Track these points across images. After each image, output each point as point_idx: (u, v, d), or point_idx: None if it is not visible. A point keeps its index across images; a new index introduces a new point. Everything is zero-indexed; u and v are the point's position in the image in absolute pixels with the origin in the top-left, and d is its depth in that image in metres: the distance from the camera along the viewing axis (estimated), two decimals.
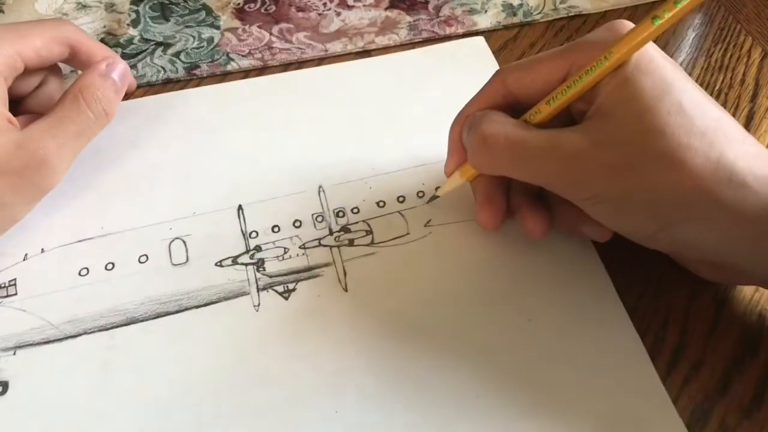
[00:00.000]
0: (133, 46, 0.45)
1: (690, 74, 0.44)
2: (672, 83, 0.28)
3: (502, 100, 0.32)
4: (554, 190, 0.30)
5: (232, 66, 0.44)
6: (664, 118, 0.27)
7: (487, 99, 0.32)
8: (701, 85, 0.43)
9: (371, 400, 0.30)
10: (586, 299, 0.33)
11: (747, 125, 0.41)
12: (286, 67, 0.45)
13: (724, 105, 0.42)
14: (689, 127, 0.27)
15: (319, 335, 0.32)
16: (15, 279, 0.34)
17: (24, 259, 0.35)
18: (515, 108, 0.32)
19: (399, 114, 0.41)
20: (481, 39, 0.46)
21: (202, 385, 0.31)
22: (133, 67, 0.44)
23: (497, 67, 0.43)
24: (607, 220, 0.30)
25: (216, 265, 0.35)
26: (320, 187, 0.38)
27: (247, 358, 0.32)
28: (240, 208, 0.37)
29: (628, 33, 0.28)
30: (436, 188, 0.36)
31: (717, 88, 0.43)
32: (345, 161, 0.36)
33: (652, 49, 0.29)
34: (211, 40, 0.46)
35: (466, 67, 0.44)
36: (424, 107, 0.41)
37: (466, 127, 0.32)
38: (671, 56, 0.44)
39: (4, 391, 0.31)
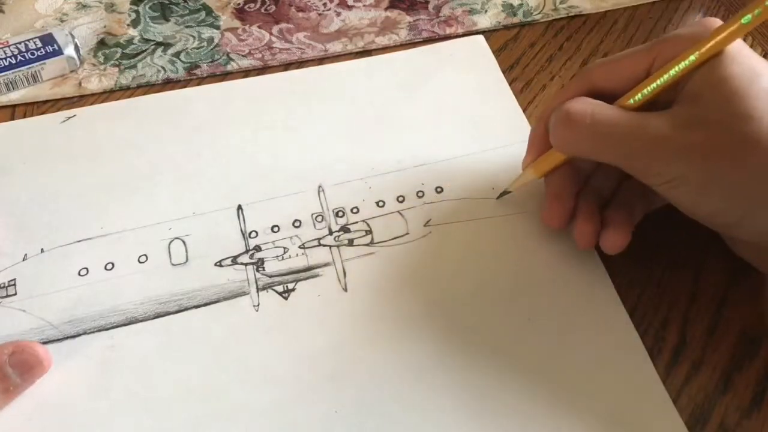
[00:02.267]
0: (133, 46, 0.45)
1: None
2: (760, 72, 0.28)
3: (588, 94, 0.32)
4: (635, 172, 0.30)
5: (232, 66, 0.44)
6: (753, 102, 0.27)
7: (573, 92, 0.32)
8: None
9: (371, 401, 0.30)
10: (586, 299, 0.33)
11: None
12: (286, 67, 0.45)
13: None
14: None
15: (318, 335, 0.32)
16: (14, 279, 0.34)
17: (23, 259, 0.35)
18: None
19: (399, 113, 0.41)
20: (480, 38, 0.46)
21: (202, 384, 0.31)
22: (133, 67, 0.44)
23: (497, 66, 0.44)
24: (688, 203, 0.30)
25: (215, 265, 0.35)
26: (320, 186, 0.38)
27: (247, 358, 0.32)
28: (239, 208, 0.37)
29: (718, 28, 0.29)
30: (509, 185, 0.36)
31: None
32: (345, 161, 0.36)
33: (739, 43, 0.29)
34: (211, 40, 0.46)
35: (466, 66, 0.44)
36: (424, 106, 0.41)
37: (554, 112, 0.32)
38: None
39: None
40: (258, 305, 0.33)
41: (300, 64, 0.45)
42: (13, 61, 0.43)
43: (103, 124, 0.41)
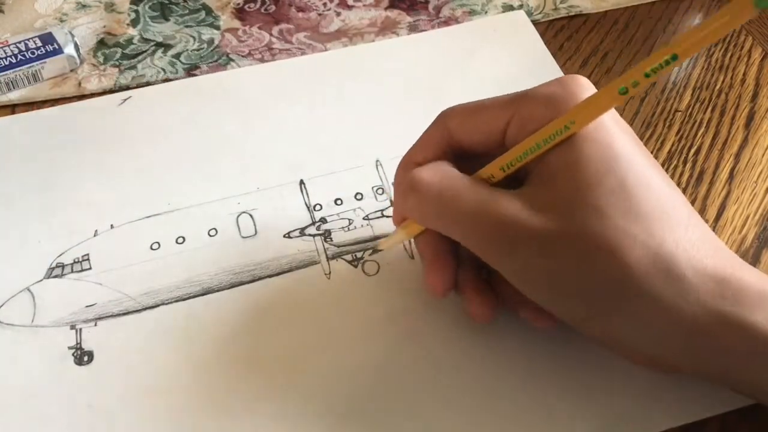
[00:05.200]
0: (132, 46, 0.45)
1: (690, 74, 0.44)
2: (619, 153, 0.26)
3: (446, 145, 0.30)
4: (482, 256, 0.28)
5: (232, 66, 0.44)
6: (604, 196, 0.25)
7: (430, 143, 0.30)
8: (702, 85, 0.43)
9: (448, 357, 0.32)
10: None
11: (747, 125, 0.41)
12: None
13: (724, 105, 0.42)
14: (630, 209, 0.25)
15: (390, 300, 0.33)
16: (88, 254, 0.35)
17: (94, 235, 0.36)
18: (459, 154, 0.30)
19: (449, 89, 0.42)
20: (521, 13, 0.47)
21: (280, 350, 0.32)
22: (133, 67, 0.44)
23: (540, 42, 0.45)
24: (536, 296, 0.28)
25: (284, 236, 0.36)
26: (377, 161, 0.39)
27: (324, 324, 0.33)
28: (302, 182, 0.38)
29: (591, 99, 0.26)
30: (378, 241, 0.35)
31: (717, 88, 0.43)
32: (400, 136, 0.36)
33: (606, 114, 0.26)
34: (211, 41, 0.46)
35: (509, 41, 0.45)
36: (471, 81, 0.43)
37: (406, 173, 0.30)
38: None
39: (90, 360, 0.32)
40: (329, 273, 0.35)
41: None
42: (14, 61, 0.43)
43: (159, 105, 0.42)
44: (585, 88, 0.28)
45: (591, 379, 0.31)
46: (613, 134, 0.26)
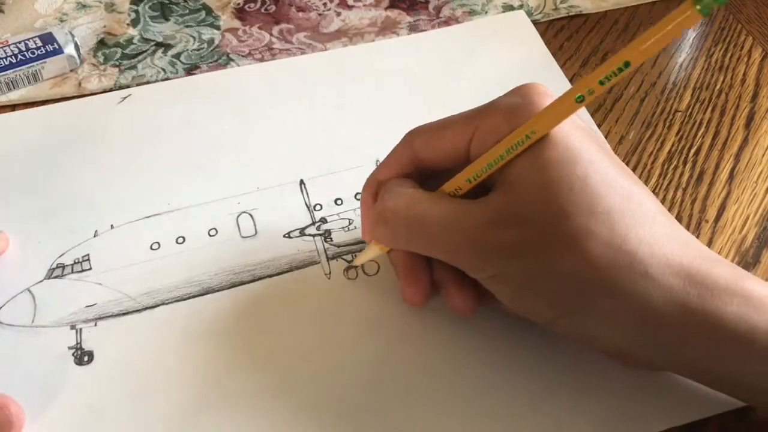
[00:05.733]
0: (132, 46, 0.45)
1: (690, 74, 0.44)
2: (579, 154, 0.26)
3: (411, 164, 0.30)
4: (458, 266, 0.29)
5: (232, 66, 0.44)
6: (566, 196, 0.25)
7: (396, 163, 0.31)
8: (702, 85, 0.43)
9: (447, 356, 0.32)
10: None
11: (747, 125, 0.41)
12: None
13: (724, 105, 0.42)
14: (591, 207, 0.25)
15: (390, 300, 0.33)
16: (88, 255, 0.35)
17: (94, 236, 0.36)
18: (426, 172, 0.30)
19: (448, 89, 0.42)
20: (521, 13, 0.47)
21: (284, 349, 0.32)
22: (133, 67, 0.44)
23: (540, 42, 0.45)
24: (508, 300, 0.28)
25: (284, 236, 0.36)
26: (377, 161, 0.39)
27: (324, 323, 0.33)
28: (302, 182, 0.38)
29: (549, 108, 0.26)
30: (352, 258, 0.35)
31: (717, 88, 0.43)
32: (399, 136, 0.36)
33: (567, 120, 0.27)
34: (211, 41, 0.46)
35: (512, 42, 0.45)
36: (471, 82, 0.43)
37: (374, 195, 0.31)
38: (672, 57, 0.44)
39: (90, 360, 0.32)
40: (330, 273, 0.35)
41: None
42: (14, 60, 0.42)
43: (159, 104, 0.42)
44: (544, 95, 0.28)
45: (590, 379, 0.31)
46: (574, 137, 0.27)
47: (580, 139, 0.27)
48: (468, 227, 0.27)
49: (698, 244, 0.27)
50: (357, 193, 0.37)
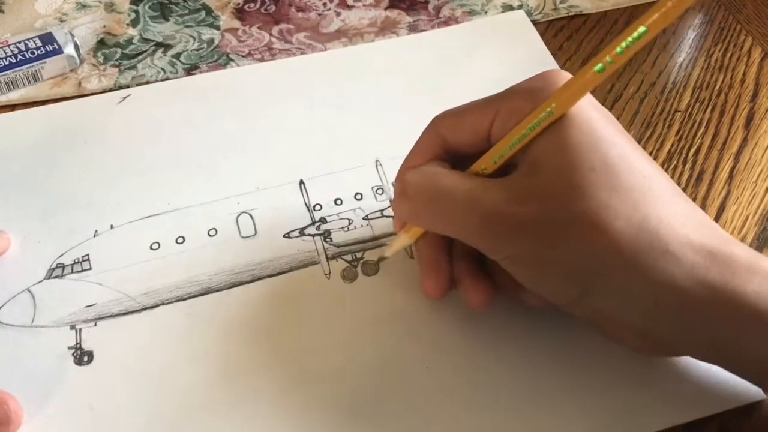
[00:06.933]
0: (132, 46, 0.45)
1: (690, 74, 0.44)
2: (601, 136, 0.26)
3: (440, 149, 0.31)
4: (476, 246, 0.29)
5: (232, 66, 0.44)
6: (587, 175, 0.26)
7: (424, 148, 0.31)
8: (702, 85, 0.43)
9: (447, 355, 0.32)
10: None
11: (747, 125, 0.41)
12: None
13: (723, 105, 0.42)
14: (613, 186, 0.26)
15: (390, 299, 0.33)
16: (88, 255, 0.35)
17: (94, 236, 0.36)
18: (455, 156, 0.31)
19: (448, 89, 0.42)
20: (521, 13, 0.47)
21: (284, 349, 0.32)
22: (133, 67, 0.44)
23: (540, 42, 0.45)
24: (527, 281, 0.28)
25: (284, 236, 0.36)
26: (377, 161, 0.39)
27: (324, 323, 0.33)
28: (302, 182, 0.38)
29: (570, 82, 0.27)
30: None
31: (717, 88, 0.43)
32: (399, 136, 0.36)
33: (587, 102, 0.27)
34: (211, 41, 0.46)
35: (511, 42, 0.45)
36: (471, 82, 0.43)
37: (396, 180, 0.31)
38: (672, 56, 0.45)
39: (90, 360, 0.32)
40: (329, 273, 0.35)
41: None
42: (14, 60, 0.43)
43: (159, 104, 0.42)
44: (565, 78, 0.28)
45: (591, 377, 0.31)
46: (595, 119, 0.27)
47: (601, 121, 0.27)
48: (488, 204, 0.27)
49: (715, 225, 0.28)
50: (357, 193, 0.37)
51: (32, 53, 0.43)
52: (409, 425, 0.30)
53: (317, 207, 0.37)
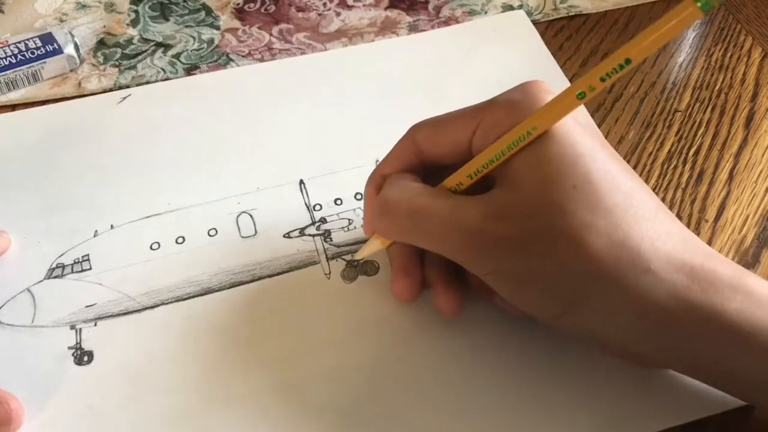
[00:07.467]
0: (132, 47, 0.45)
1: (690, 74, 0.44)
2: (581, 151, 0.26)
3: (415, 158, 0.31)
4: (457, 261, 0.29)
5: (232, 66, 0.44)
6: (568, 192, 0.25)
7: (399, 157, 0.31)
8: (702, 85, 0.43)
9: (447, 356, 0.32)
10: None
11: (747, 125, 0.41)
12: None
13: (723, 105, 0.42)
14: (594, 203, 0.25)
15: (390, 300, 0.33)
16: (88, 255, 0.35)
17: (94, 236, 0.36)
18: (429, 167, 0.31)
19: (448, 89, 0.42)
20: (521, 13, 0.47)
21: (284, 349, 0.32)
22: (132, 67, 0.44)
23: (540, 42, 0.45)
24: (510, 296, 0.28)
25: (284, 236, 0.36)
26: (377, 161, 0.39)
27: (324, 323, 0.33)
28: (302, 182, 0.38)
29: (550, 104, 0.26)
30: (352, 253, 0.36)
31: (717, 88, 0.43)
32: (398, 135, 0.36)
33: (568, 117, 0.27)
34: (211, 41, 0.46)
35: (510, 41, 0.45)
36: (471, 82, 0.43)
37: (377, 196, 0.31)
38: (671, 57, 0.45)
39: (90, 360, 0.32)
40: (329, 273, 0.35)
41: None
42: (14, 61, 0.43)
43: (159, 104, 0.42)
44: (546, 92, 0.28)
45: (590, 378, 0.31)
46: (576, 134, 0.27)
47: (582, 135, 0.27)
48: (468, 222, 0.27)
49: (699, 242, 0.27)
50: (357, 193, 0.37)
51: (32, 53, 0.43)
52: (408, 424, 0.30)
53: (317, 207, 0.37)
